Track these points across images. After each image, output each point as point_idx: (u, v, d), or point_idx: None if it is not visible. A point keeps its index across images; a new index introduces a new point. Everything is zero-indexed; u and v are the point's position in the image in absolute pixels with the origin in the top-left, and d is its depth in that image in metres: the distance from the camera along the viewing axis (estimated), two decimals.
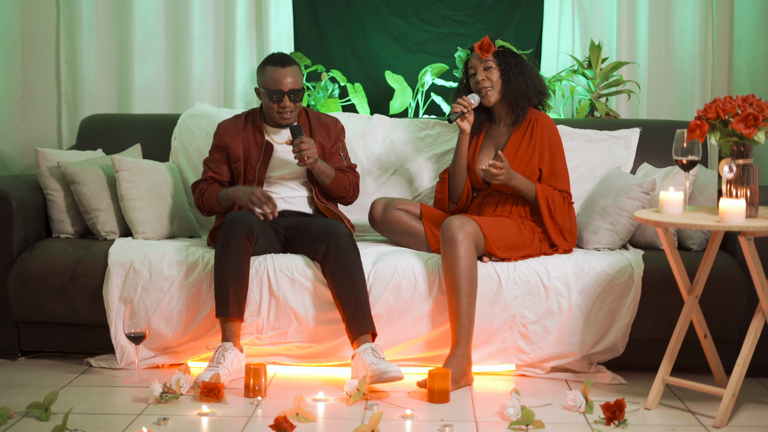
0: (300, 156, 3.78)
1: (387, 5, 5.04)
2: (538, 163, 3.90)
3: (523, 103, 3.94)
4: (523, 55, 4.00)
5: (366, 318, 3.57)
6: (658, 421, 3.26)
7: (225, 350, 3.55)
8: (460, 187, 4.05)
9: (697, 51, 4.94)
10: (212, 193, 3.94)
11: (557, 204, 3.84)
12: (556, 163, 3.90)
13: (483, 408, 3.35)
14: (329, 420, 3.23)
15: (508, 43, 3.97)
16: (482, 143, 4.05)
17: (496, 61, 3.94)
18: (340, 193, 3.98)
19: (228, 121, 4.03)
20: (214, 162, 4.00)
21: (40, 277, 3.85)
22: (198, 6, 5.01)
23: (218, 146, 4.00)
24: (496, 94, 3.96)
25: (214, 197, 3.93)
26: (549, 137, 3.91)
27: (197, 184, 4.00)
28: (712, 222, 3.12)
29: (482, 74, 3.95)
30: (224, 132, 3.99)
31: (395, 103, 4.90)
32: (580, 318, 3.69)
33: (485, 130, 4.07)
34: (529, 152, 3.90)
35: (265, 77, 3.90)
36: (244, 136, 3.97)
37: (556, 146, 3.92)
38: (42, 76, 5.08)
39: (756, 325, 3.21)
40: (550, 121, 3.95)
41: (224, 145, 3.97)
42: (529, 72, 3.96)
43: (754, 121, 3.14)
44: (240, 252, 3.63)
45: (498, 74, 3.94)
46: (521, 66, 3.95)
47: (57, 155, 4.17)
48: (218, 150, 4.00)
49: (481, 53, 3.93)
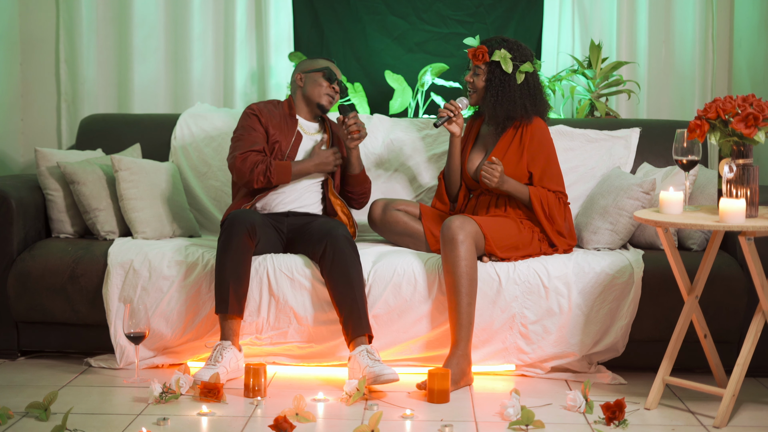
0: (356, 128, 3.87)
1: (387, 5, 5.04)
2: (528, 166, 3.89)
3: (499, 118, 3.90)
4: (527, 69, 3.90)
5: (362, 320, 3.56)
6: (658, 421, 3.25)
7: (223, 349, 3.55)
8: (455, 188, 4.07)
9: (697, 51, 4.94)
10: (282, 166, 3.85)
11: (552, 205, 3.84)
12: (549, 165, 3.89)
13: (483, 408, 3.35)
14: (329, 420, 3.23)
15: (510, 55, 3.90)
16: (474, 143, 4.06)
17: (485, 70, 3.94)
18: (363, 186, 4.07)
19: (261, 103, 4.04)
20: (259, 133, 3.92)
21: (39, 277, 3.85)
22: (198, 6, 5.01)
23: (258, 121, 3.95)
24: (477, 97, 3.98)
25: (287, 171, 3.87)
26: (539, 140, 3.90)
27: (248, 154, 3.85)
28: (712, 222, 3.12)
29: (470, 76, 3.97)
30: (263, 112, 3.98)
31: (395, 103, 4.90)
32: (580, 318, 3.69)
33: (479, 127, 4.08)
34: (517, 155, 3.90)
35: (319, 63, 4.01)
36: (280, 121, 3.99)
37: (547, 148, 3.90)
38: (42, 76, 5.08)
39: (756, 325, 3.21)
40: (541, 124, 3.93)
41: (265, 124, 3.96)
42: (512, 95, 3.88)
43: (754, 120, 3.13)
44: (241, 250, 3.63)
45: (482, 82, 3.95)
46: (505, 86, 3.88)
47: (57, 155, 4.17)
48: (258, 124, 3.95)
49: (474, 60, 3.94)
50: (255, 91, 5.07)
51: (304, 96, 4.03)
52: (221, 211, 4.39)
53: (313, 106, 4.03)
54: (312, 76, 4.00)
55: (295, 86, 4.06)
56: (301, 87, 4.03)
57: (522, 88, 3.90)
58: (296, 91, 4.06)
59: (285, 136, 3.96)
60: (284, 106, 4.05)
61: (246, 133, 3.93)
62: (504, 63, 3.89)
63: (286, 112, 4.03)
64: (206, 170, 4.46)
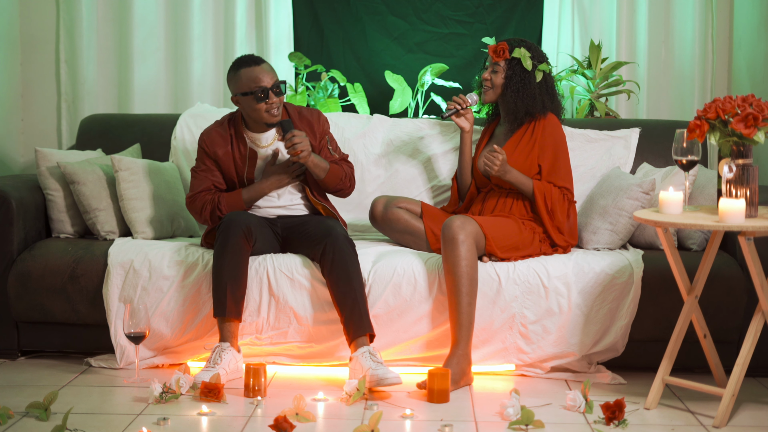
0: (294, 150, 3.70)
1: (387, 5, 5.04)
2: (538, 158, 3.90)
3: (519, 113, 3.93)
4: (544, 69, 3.94)
5: (363, 320, 3.56)
6: (657, 421, 3.26)
7: (222, 350, 3.55)
8: (465, 186, 4.10)
9: (697, 51, 4.94)
10: (233, 198, 3.81)
11: (555, 201, 3.84)
12: (558, 160, 3.90)
13: (483, 408, 3.35)
14: (329, 420, 3.23)
15: (530, 54, 3.93)
16: (487, 143, 4.08)
17: (505, 67, 3.95)
18: (337, 185, 3.90)
19: (212, 129, 3.90)
20: (209, 171, 3.87)
21: (39, 277, 3.85)
22: (198, 6, 5.01)
23: (207, 156, 3.87)
24: (493, 95, 3.98)
25: (238, 201, 3.81)
26: (551, 134, 3.91)
27: (197, 196, 3.84)
28: (712, 222, 3.12)
29: (488, 73, 3.98)
30: (212, 142, 3.87)
31: (395, 103, 4.90)
32: (580, 318, 3.69)
33: (493, 129, 4.10)
34: (528, 147, 3.91)
35: (242, 80, 3.76)
36: (230, 146, 3.86)
37: (558, 143, 3.92)
38: (42, 76, 5.08)
39: (756, 325, 3.21)
40: (554, 119, 3.95)
41: (213, 155, 3.86)
42: (532, 91, 3.92)
43: (753, 121, 3.14)
44: (238, 252, 3.62)
45: (502, 80, 3.96)
46: (525, 83, 3.93)
47: (57, 155, 4.17)
48: (208, 159, 3.87)
49: (494, 56, 3.95)
50: None
51: (248, 116, 3.84)
52: None
53: (260, 123, 3.84)
54: (245, 100, 3.79)
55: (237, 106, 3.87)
56: (242, 108, 3.84)
57: (541, 86, 3.95)
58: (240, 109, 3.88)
59: (238, 158, 3.85)
60: (238, 124, 3.88)
61: (196, 170, 3.89)
62: (524, 60, 3.92)
63: (241, 131, 3.87)
64: None
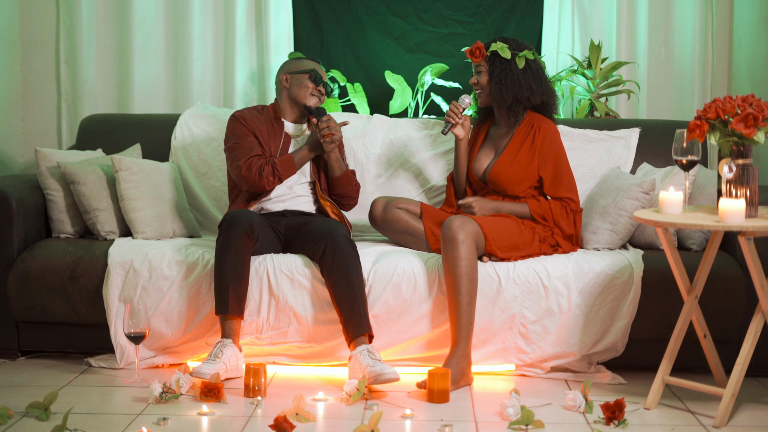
0: (329, 131, 3.84)
1: (387, 5, 5.04)
2: (539, 170, 3.90)
3: (512, 107, 3.93)
4: (526, 55, 3.94)
5: (362, 320, 3.56)
6: (657, 421, 3.26)
7: (224, 346, 3.55)
8: (461, 189, 4.10)
9: (697, 51, 4.94)
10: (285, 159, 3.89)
11: (558, 215, 3.86)
12: (559, 169, 3.91)
13: (483, 408, 3.36)
14: (329, 420, 3.23)
15: (507, 45, 3.94)
16: (482, 144, 4.07)
17: (486, 66, 3.96)
18: (346, 189, 4.01)
19: (245, 111, 4.04)
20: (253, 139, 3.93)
21: (39, 277, 3.85)
22: (198, 6, 5.02)
23: (247, 128, 3.95)
24: (485, 97, 3.99)
25: (291, 162, 3.89)
26: (551, 144, 3.91)
27: (251, 160, 3.86)
28: (712, 222, 3.12)
29: (475, 77, 3.99)
30: (247, 119, 3.98)
31: (395, 103, 4.90)
32: (580, 318, 3.69)
33: (487, 129, 4.09)
34: (528, 157, 3.91)
35: (303, 64, 4.01)
36: (266, 126, 3.99)
37: (558, 153, 3.92)
38: (42, 76, 5.09)
39: (756, 325, 3.21)
40: (553, 128, 3.95)
41: (253, 129, 3.96)
42: (516, 77, 3.92)
43: (753, 121, 3.14)
44: (240, 250, 3.63)
45: (486, 79, 3.96)
46: (507, 72, 3.92)
47: (57, 155, 4.17)
48: (247, 131, 3.95)
49: (472, 58, 3.96)
50: (255, 91, 5.07)
51: (289, 97, 4.02)
52: (221, 211, 4.39)
53: (299, 108, 4.03)
54: (298, 78, 3.99)
55: (281, 87, 4.04)
56: (286, 88, 4.02)
57: (525, 71, 3.94)
58: (282, 93, 4.05)
59: (273, 141, 3.97)
60: (269, 111, 4.05)
61: (240, 141, 3.94)
62: (502, 51, 3.92)
63: (271, 116, 4.03)
64: (206, 170, 4.46)
